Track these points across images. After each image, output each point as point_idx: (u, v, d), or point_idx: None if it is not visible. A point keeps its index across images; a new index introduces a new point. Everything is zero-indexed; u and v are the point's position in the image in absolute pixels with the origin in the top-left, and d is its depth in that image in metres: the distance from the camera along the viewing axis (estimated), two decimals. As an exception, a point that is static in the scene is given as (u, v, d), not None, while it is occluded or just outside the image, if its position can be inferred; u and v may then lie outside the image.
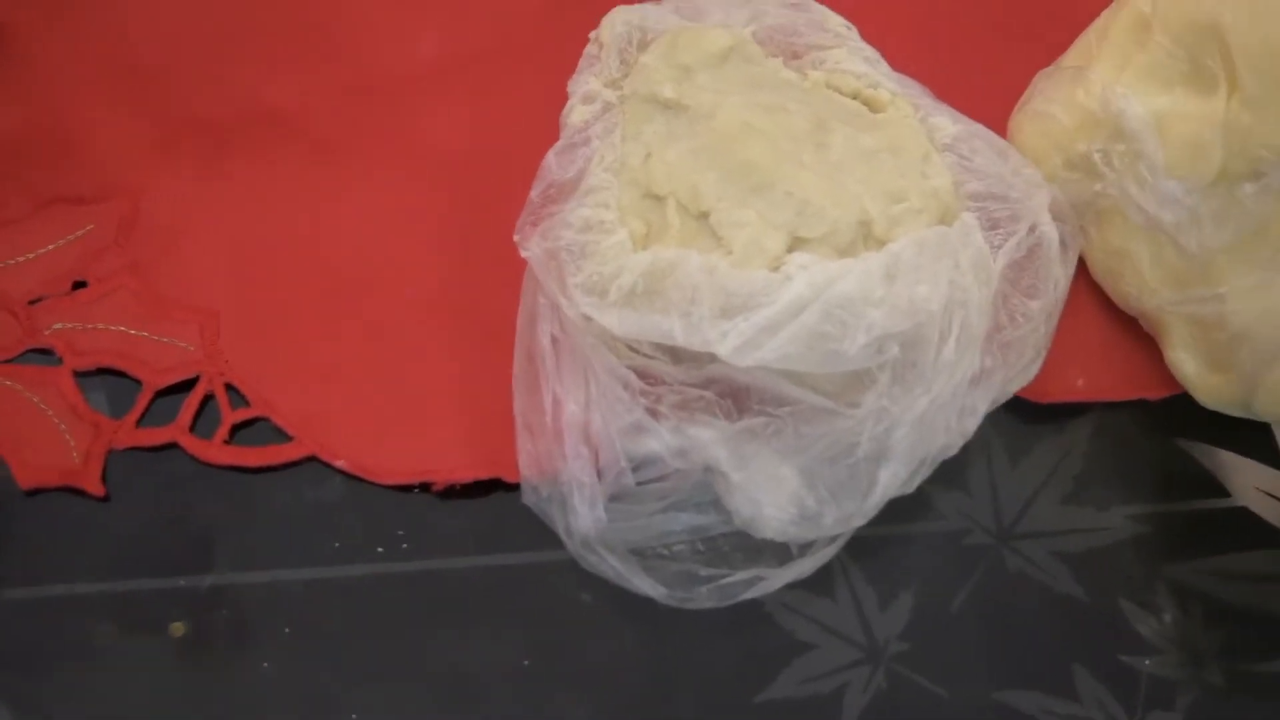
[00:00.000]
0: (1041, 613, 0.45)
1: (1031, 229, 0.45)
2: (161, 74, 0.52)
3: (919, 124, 0.47)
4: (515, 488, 0.45)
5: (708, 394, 0.43)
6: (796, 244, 0.43)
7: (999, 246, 0.44)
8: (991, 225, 0.45)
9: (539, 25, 0.56)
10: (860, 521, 0.42)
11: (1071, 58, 0.49)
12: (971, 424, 0.43)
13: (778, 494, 0.42)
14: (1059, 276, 0.45)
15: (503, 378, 0.45)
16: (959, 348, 0.42)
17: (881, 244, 0.43)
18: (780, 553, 0.44)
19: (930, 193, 0.44)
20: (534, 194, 0.46)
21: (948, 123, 0.47)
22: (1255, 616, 0.45)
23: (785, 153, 0.44)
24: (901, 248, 0.42)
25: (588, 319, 0.43)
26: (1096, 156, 0.46)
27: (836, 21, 0.50)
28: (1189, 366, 0.46)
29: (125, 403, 0.46)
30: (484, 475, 0.45)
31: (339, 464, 0.45)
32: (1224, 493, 0.47)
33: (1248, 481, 0.48)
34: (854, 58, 0.49)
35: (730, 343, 0.40)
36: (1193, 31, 0.44)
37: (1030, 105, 0.50)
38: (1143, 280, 0.46)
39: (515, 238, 0.46)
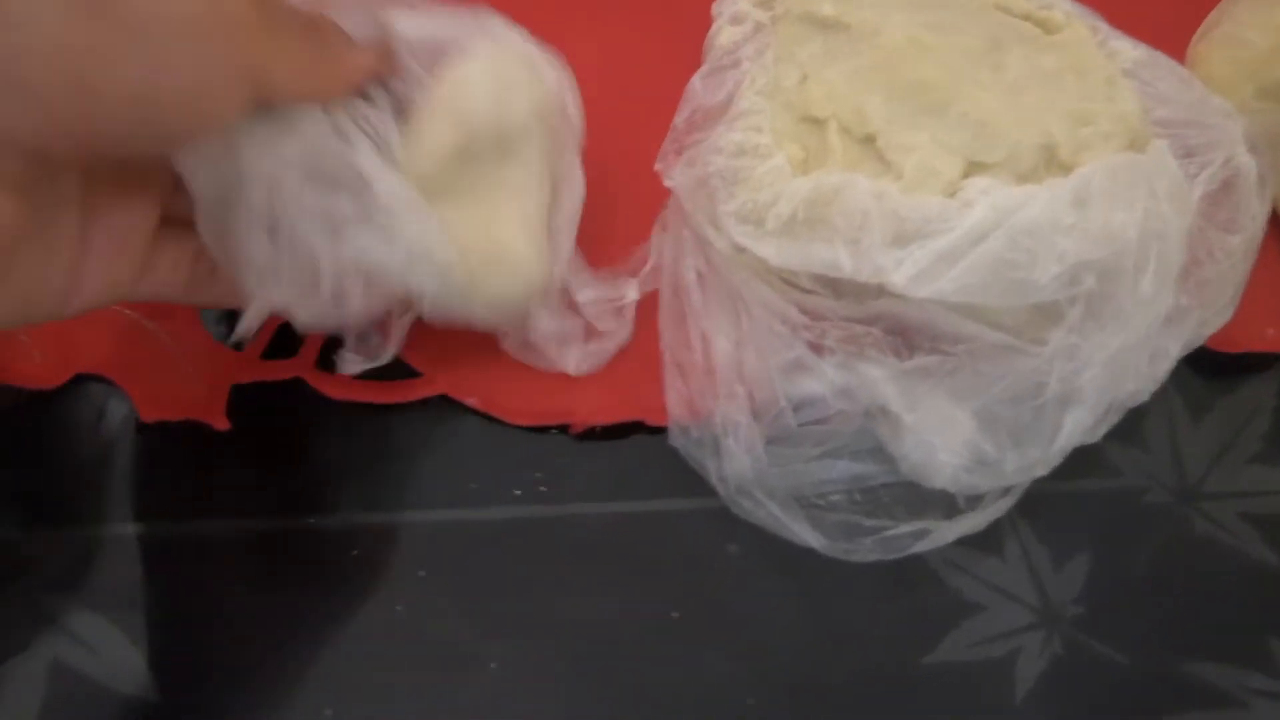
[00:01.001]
0: (1231, 579, 0.41)
1: (1227, 160, 0.41)
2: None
3: (1098, 47, 0.43)
4: (657, 431, 0.42)
5: (875, 330, 0.39)
6: (972, 169, 0.39)
7: (1194, 176, 0.41)
8: (1185, 154, 0.41)
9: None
10: (1042, 471, 0.39)
11: (1262, -20, 0.45)
12: (1164, 368, 0.40)
13: (952, 438, 0.38)
14: (1257, 211, 0.41)
15: (643, 315, 0.43)
16: (1156, 282, 0.38)
17: (1066, 170, 0.39)
18: (946, 506, 0.40)
19: (1118, 116, 0.40)
20: (678, 120, 0.44)
21: (1128, 47, 0.44)
22: None
23: (959, 72, 0.40)
24: (1092, 172, 0.38)
25: (740, 250, 0.40)
26: (1298, 81, 0.42)
27: (1005, -59, 0.46)
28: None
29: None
30: (626, 418, 0.42)
31: (470, 402, 0.42)
32: None
33: None
34: (1025, -22, 0.45)
35: (906, 271, 0.37)
36: None
37: (1218, 31, 0.46)
38: (1346, 220, 0.43)
39: (657, 167, 0.43)
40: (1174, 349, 0.40)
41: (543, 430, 0.42)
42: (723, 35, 0.45)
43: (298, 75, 0.34)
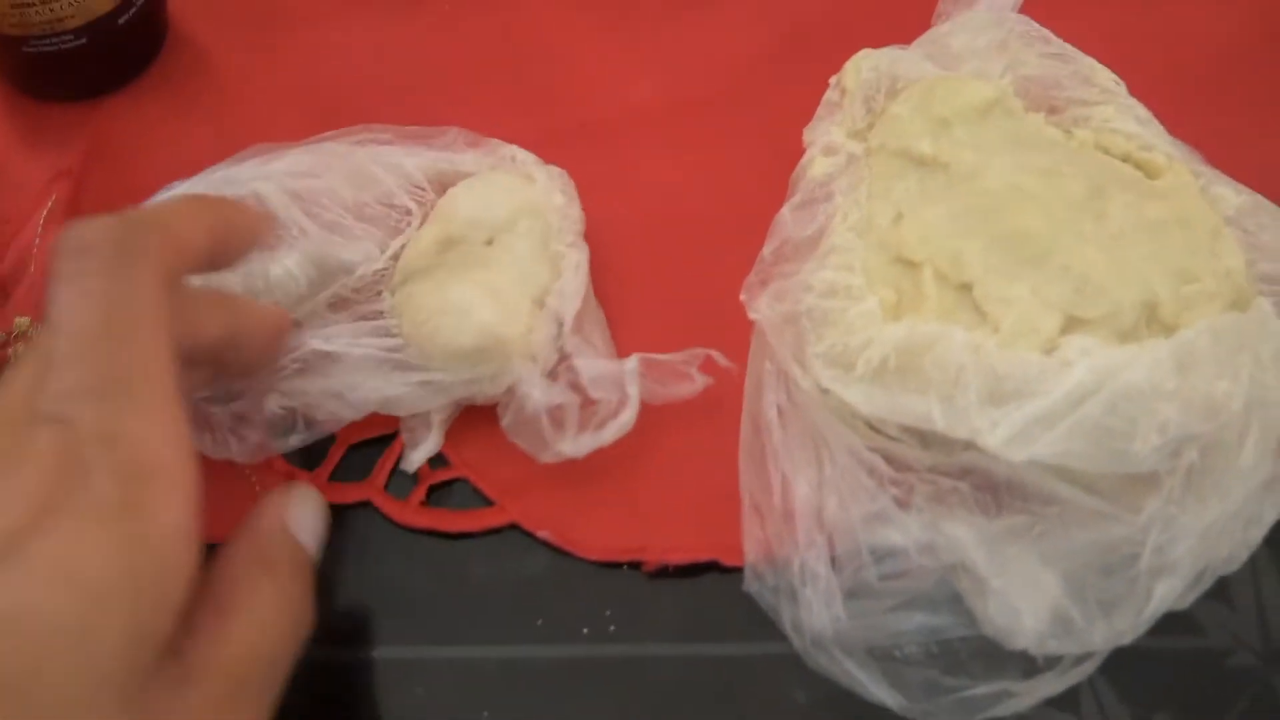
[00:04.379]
0: (1319, 753, 0.40)
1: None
2: (377, 116, 0.49)
3: (1200, 193, 0.42)
4: (732, 571, 0.41)
5: (963, 485, 0.38)
6: (1072, 324, 0.38)
7: (1296, 337, 0.39)
8: (1288, 313, 0.40)
9: (759, 70, 0.53)
10: (1129, 639, 0.37)
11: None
12: (1257, 534, 0.38)
13: (1038, 603, 0.37)
14: (1359, 372, 0.40)
15: (723, 450, 0.42)
16: (1258, 451, 0.37)
17: (1168, 329, 0.38)
18: (1024, 664, 0.39)
19: (1223, 273, 0.39)
20: (766, 251, 0.43)
21: (1231, 193, 0.43)
22: None
23: (1061, 221, 0.40)
24: (1195, 335, 0.37)
25: (826, 393, 0.39)
26: None
27: (1104, 75, 0.46)
28: None
29: (318, 455, 0.43)
30: (700, 557, 0.41)
31: (542, 534, 0.41)
32: None
33: None
34: (1125, 116, 0.44)
35: (1001, 434, 0.36)
36: None
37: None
38: None
39: (742, 297, 0.42)
40: (1270, 515, 0.38)
41: (615, 566, 0.41)
42: (815, 166, 0.44)
43: None
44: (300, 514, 0.35)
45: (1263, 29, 0.54)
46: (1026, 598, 0.37)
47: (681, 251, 0.47)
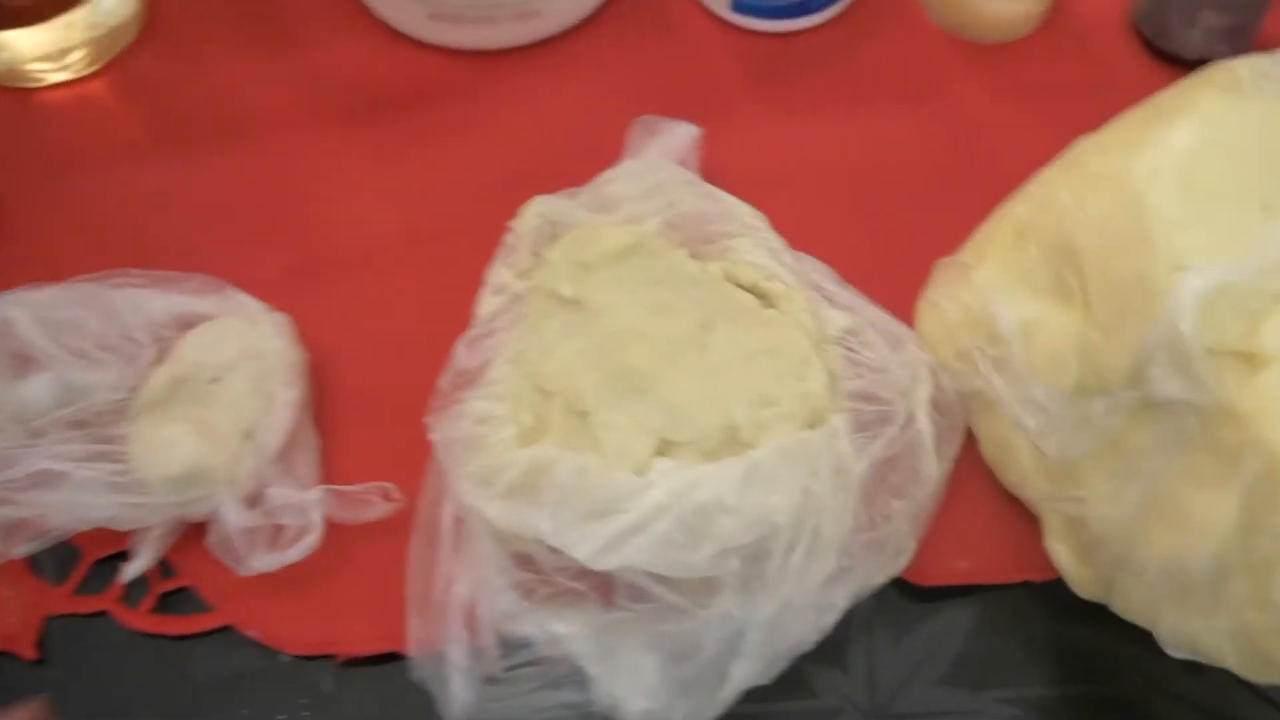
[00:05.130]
0: (909, 798, 0.47)
1: (907, 425, 0.47)
2: (149, 251, 0.57)
3: (810, 318, 0.49)
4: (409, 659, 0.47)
5: (579, 586, 0.45)
6: (666, 447, 0.45)
7: (866, 447, 0.46)
8: (863, 426, 0.47)
9: (485, 204, 0.56)
10: (712, 714, 0.44)
11: (966, 253, 0.51)
12: (830, 619, 0.45)
13: (635, 686, 0.44)
14: (931, 473, 0.47)
15: (406, 556, 0.48)
16: (809, 555, 0.44)
17: (748, 448, 0.45)
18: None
19: (802, 396, 0.46)
20: (443, 381, 0.50)
21: (839, 315, 0.49)
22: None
23: (664, 355, 0.47)
24: (762, 455, 0.44)
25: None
26: (976, 354, 0.48)
27: (745, 211, 0.52)
28: (1063, 556, 0.47)
29: (67, 569, 0.50)
30: (385, 649, 0.48)
31: (251, 634, 0.49)
32: (1105, 678, 0.48)
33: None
34: (757, 249, 0.51)
35: (588, 547, 0.43)
36: (1056, 248, 0.46)
37: (928, 294, 0.52)
38: (1023, 470, 0.48)
39: (426, 419, 0.49)
40: (841, 602, 0.45)
41: (314, 658, 0.49)
42: (485, 304, 0.51)
43: None
44: None
45: (944, 145, 0.61)
46: (626, 682, 0.44)
47: (401, 377, 0.53)
